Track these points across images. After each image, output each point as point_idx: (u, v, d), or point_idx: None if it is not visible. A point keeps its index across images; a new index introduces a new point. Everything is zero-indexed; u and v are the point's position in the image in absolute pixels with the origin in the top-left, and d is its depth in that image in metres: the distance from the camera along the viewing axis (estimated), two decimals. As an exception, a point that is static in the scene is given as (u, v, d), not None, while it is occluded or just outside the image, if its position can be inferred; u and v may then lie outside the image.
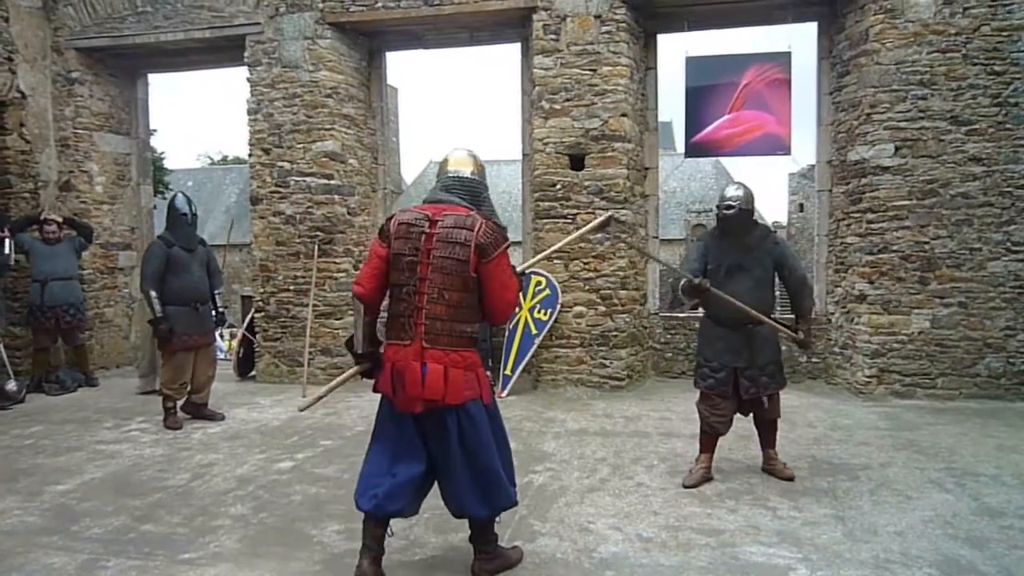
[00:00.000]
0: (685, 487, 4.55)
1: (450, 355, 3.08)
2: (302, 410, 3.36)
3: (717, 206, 4.71)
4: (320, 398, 3.40)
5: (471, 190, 3.31)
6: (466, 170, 3.33)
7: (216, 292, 6.64)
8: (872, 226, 7.11)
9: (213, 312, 6.60)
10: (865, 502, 4.27)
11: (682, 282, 4.62)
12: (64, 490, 4.66)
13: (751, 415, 4.83)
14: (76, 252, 8.09)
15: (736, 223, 4.61)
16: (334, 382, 3.35)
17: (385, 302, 3.35)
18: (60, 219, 8.03)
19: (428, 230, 3.12)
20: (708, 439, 4.74)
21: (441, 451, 3.16)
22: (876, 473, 4.80)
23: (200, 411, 6.53)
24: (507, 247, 3.20)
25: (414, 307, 3.10)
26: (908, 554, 3.55)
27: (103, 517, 4.17)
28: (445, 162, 3.38)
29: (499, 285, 3.16)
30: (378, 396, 3.31)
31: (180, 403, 6.44)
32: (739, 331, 4.57)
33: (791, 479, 4.69)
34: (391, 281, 3.21)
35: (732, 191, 4.65)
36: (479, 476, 3.17)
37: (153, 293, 6.07)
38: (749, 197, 4.63)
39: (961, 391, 6.93)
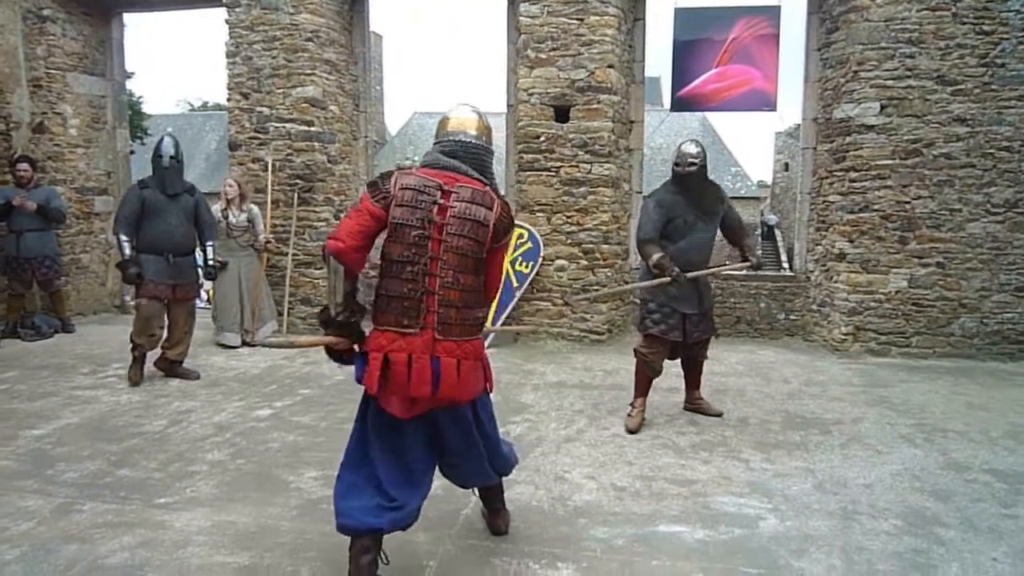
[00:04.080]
0: (630, 431, 4.70)
1: (463, 346, 2.72)
2: (262, 345, 2.98)
3: (676, 163, 4.81)
4: (281, 346, 2.97)
5: (477, 158, 2.87)
6: (471, 132, 2.88)
7: (209, 244, 6.22)
8: (854, 185, 7.12)
9: (205, 264, 6.24)
10: (836, 455, 4.35)
11: (653, 259, 4.63)
12: (39, 435, 4.63)
13: (679, 359, 5.14)
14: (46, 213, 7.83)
15: (697, 180, 4.77)
16: (302, 339, 3.01)
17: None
18: (30, 178, 7.74)
19: (441, 201, 2.71)
20: (647, 382, 4.93)
21: (454, 439, 2.85)
22: (848, 428, 4.89)
23: (173, 369, 6.15)
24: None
25: (424, 290, 2.67)
26: (875, 506, 3.62)
27: (78, 462, 4.16)
28: (445, 121, 2.92)
29: (497, 269, 2.91)
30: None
31: (154, 359, 6.14)
32: (691, 280, 4.71)
33: (720, 415, 5.09)
34: (388, 254, 2.73)
35: (692, 148, 4.79)
36: (491, 453, 3.01)
37: (123, 236, 5.69)
38: (705, 155, 4.82)
39: (935, 350, 7.04)
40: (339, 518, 2.72)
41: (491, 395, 3.07)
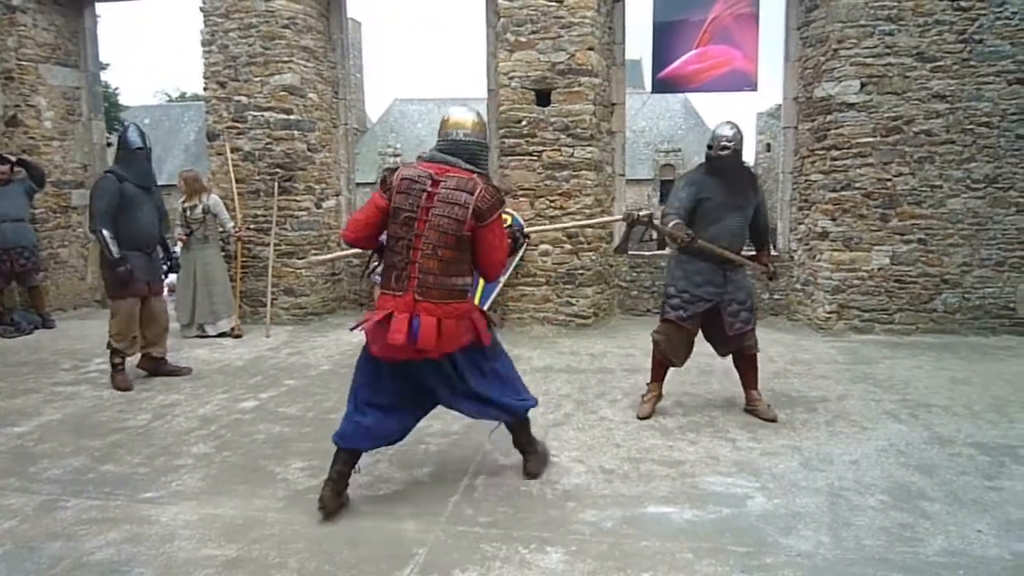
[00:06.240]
0: (639, 418, 4.65)
1: (442, 307, 3.21)
2: (304, 268, 3.60)
3: (710, 145, 4.54)
4: (324, 262, 3.62)
5: (468, 151, 3.37)
6: (463, 131, 3.38)
7: (167, 236, 6.10)
8: (836, 163, 7.14)
9: (169, 257, 6.06)
10: (822, 433, 4.37)
11: (671, 225, 4.36)
12: (21, 432, 4.57)
13: (730, 355, 4.83)
14: (27, 194, 7.82)
15: (731, 164, 4.53)
16: (337, 254, 3.65)
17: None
18: (13, 159, 7.72)
19: (430, 188, 3.23)
20: (661, 369, 4.80)
21: (448, 386, 3.40)
22: (833, 405, 4.92)
23: (159, 367, 5.89)
24: (501, 211, 3.36)
25: (408, 260, 3.22)
26: (862, 482, 3.65)
27: (61, 458, 4.11)
28: (445, 121, 3.44)
29: (489, 247, 3.32)
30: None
31: (135, 359, 5.86)
32: (719, 267, 4.55)
33: (773, 420, 4.59)
34: (389, 233, 3.31)
35: (727, 131, 4.52)
36: (490, 398, 3.49)
37: (107, 233, 5.34)
38: (741, 138, 4.55)
39: (918, 326, 7.10)
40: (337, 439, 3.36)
41: (496, 346, 3.59)
